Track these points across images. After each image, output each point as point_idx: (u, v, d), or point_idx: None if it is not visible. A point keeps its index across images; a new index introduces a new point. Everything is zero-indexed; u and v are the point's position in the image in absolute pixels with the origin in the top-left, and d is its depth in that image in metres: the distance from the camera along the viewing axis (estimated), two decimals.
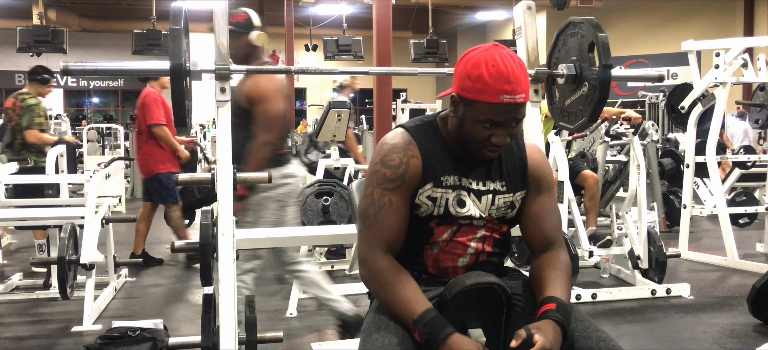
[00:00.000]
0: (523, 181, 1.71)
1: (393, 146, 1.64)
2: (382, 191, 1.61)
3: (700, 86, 5.56)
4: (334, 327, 3.36)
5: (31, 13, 15.37)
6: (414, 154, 1.63)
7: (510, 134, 1.59)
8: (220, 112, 2.11)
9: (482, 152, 1.62)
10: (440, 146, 1.67)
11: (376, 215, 1.61)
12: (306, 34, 18.52)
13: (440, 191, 1.64)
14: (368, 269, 1.60)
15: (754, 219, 7.13)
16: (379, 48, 8.44)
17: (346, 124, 5.30)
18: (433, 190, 1.64)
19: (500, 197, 1.68)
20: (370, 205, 1.62)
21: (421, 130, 1.68)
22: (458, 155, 1.67)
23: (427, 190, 1.64)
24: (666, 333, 3.73)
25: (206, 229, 2.09)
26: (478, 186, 1.67)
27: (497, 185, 1.69)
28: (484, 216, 1.67)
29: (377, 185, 1.62)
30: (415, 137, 1.66)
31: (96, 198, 4.09)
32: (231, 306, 2.01)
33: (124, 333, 3.26)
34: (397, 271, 1.58)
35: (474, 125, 1.57)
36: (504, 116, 1.55)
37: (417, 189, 1.63)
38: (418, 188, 1.63)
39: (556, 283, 1.60)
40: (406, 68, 2.50)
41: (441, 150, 1.66)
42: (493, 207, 1.68)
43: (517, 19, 2.51)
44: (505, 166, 1.70)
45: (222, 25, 2.08)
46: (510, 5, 13.89)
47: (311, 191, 4.13)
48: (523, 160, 1.72)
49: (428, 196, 1.64)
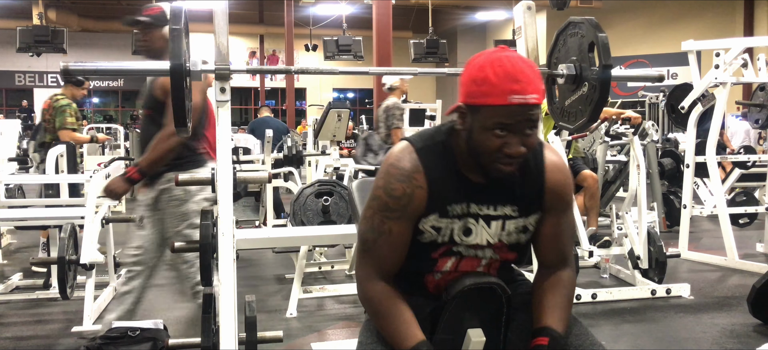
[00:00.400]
0: (538, 204, 1.59)
1: (398, 172, 1.53)
2: (382, 218, 1.54)
3: (700, 86, 5.56)
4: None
5: (31, 13, 15.37)
6: (419, 184, 1.52)
7: (524, 142, 1.44)
8: (220, 112, 2.10)
9: (496, 167, 1.47)
10: (450, 169, 1.54)
11: (374, 241, 1.56)
12: (306, 34, 18.53)
13: (445, 221, 1.55)
14: (364, 292, 1.58)
15: (754, 219, 7.13)
16: (379, 48, 8.44)
17: (346, 124, 5.31)
18: (437, 220, 1.55)
19: (511, 222, 1.57)
20: (369, 230, 1.57)
21: (431, 152, 1.55)
22: (468, 179, 1.55)
23: (431, 220, 1.55)
24: (666, 333, 3.73)
25: (206, 229, 2.09)
26: (488, 211, 1.56)
27: (508, 209, 1.56)
28: (492, 243, 1.58)
29: (378, 211, 1.55)
30: (424, 161, 1.53)
31: (96, 198, 4.09)
32: (231, 306, 2.01)
33: (124, 333, 3.25)
34: (392, 299, 1.54)
35: (483, 134, 1.44)
36: (514, 118, 1.42)
37: (420, 218, 1.55)
38: (421, 217, 1.54)
39: (555, 310, 1.55)
40: (406, 68, 2.50)
41: (450, 175, 1.54)
42: (503, 232, 1.58)
43: (517, 19, 2.52)
44: (520, 188, 1.56)
45: (222, 25, 2.08)
46: (510, 5, 13.89)
47: (311, 191, 4.13)
48: (541, 182, 1.58)
49: (432, 226, 1.55)
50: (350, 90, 26.07)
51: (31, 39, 10.26)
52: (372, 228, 1.56)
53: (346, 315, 4.10)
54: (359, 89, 25.57)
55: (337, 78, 23.76)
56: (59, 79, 22.58)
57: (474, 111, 1.46)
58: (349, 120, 7.83)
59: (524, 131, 1.44)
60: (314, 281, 4.93)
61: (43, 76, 23.18)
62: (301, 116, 21.00)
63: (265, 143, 6.99)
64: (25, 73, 23.15)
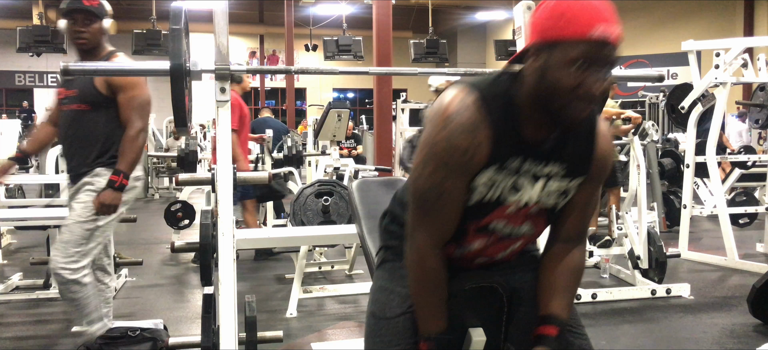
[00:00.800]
0: (585, 169, 1.50)
1: (461, 124, 1.38)
2: (445, 174, 1.40)
3: (700, 86, 5.56)
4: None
5: (31, 13, 15.39)
6: (484, 135, 1.38)
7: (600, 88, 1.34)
8: (220, 112, 2.10)
9: (570, 110, 1.35)
10: (511, 120, 1.41)
11: (435, 201, 1.43)
12: (306, 34, 18.52)
13: (501, 176, 1.44)
14: (418, 258, 1.48)
15: (754, 219, 7.13)
16: (379, 48, 8.44)
17: (345, 124, 5.31)
18: (495, 174, 1.43)
19: (555, 182, 1.48)
20: (431, 187, 1.42)
21: (493, 100, 1.40)
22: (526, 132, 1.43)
23: (488, 174, 1.43)
24: (666, 333, 3.73)
25: (206, 229, 2.09)
26: (538, 168, 1.46)
27: (556, 168, 1.47)
28: (533, 203, 1.49)
29: (441, 166, 1.40)
30: (487, 111, 1.39)
31: None
32: (231, 306, 2.01)
33: (124, 333, 3.25)
34: (440, 278, 1.49)
35: (559, 71, 1.31)
36: (595, 53, 1.30)
37: (477, 173, 1.43)
38: (478, 172, 1.43)
39: (564, 295, 1.53)
40: (406, 68, 2.51)
41: (510, 126, 1.41)
42: (544, 192, 1.49)
43: (517, 19, 2.52)
44: (572, 148, 1.47)
45: (222, 25, 2.08)
46: (510, 5, 13.89)
47: (311, 191, 4.13)
48: (592, 147, 1.49)
49: (487, 181, 1.44)
50: (350, 90, 26.07)
51: (31, 39, 10.26)
52: (433, 186, 1.42)
53: (346, 315, 4.10)
54: (359, 89, 25.57)
55: (337, 78, 23.76)
56: (59, 80, 22.60)
57: (550, 48, 1.33)
58: (349, 120, 7.83)
59: (601, 72, 1.32)
60: (314, 281, 4.93)
61: (43, 76, 23.19)
62: (301, 116, 20.99)
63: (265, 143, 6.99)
64: (25, 74, 23.15)
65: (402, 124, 9.49)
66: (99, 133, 2.89)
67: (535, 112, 1.40)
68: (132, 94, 2.88)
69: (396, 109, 9.44)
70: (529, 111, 1.41)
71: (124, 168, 2.84)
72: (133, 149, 2.86)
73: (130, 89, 2.87)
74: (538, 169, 1.46)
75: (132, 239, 6.68)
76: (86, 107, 2.88)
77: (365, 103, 22.79)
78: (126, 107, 2.88)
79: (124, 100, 2.87)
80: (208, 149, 9.61)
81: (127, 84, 2.87)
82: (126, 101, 2.87)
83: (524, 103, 1.41)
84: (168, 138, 13.06)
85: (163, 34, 10.39)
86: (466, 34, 23.87)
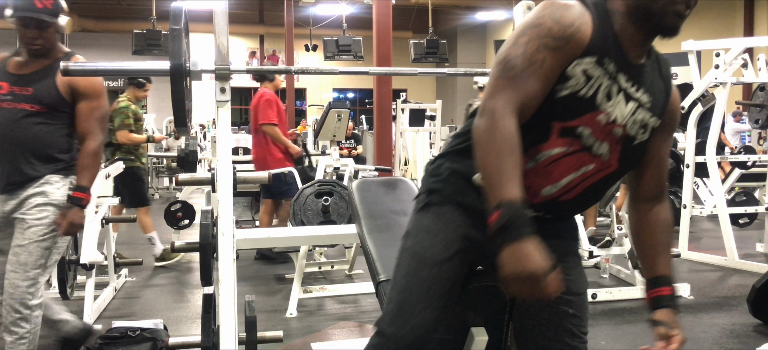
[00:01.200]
0: (663, 109, 1.54)
1: (567, 5, 1.41)
2: (539, 45, 1.39)
3: (700, 86, 5.56)
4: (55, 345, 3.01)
5: None
6: (584, 22, 1.41)
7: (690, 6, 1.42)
8: (220, 112, 2.10)
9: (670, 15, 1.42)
10: (610, 29, 1.44)
11: (522, 69, 1.39)
12: (306, 34, 18.52)
13: (599, 72, 1.42)
14: (491, 122, 1.37)
15: (754, 219, 7.13)
16: (379, 48, 8.44)
17: (345, 124, 5.31)
18: (593, 66, 1.41)
19: (641, 112, 1.49)
20: (519, 55, 1.39)
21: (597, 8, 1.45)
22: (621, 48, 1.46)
23: (587, 63, 1.41)
24: None
25: (206, 229, 2.09)
26: (630, 89, 1.47)
27: (645, 97, 1.49)
28: (621, 123, 1.47)
29: (537, 38, 1.39)
30: (590, 9, 1.43)
31: (96, 198, 4.09)
32: (231, 306, 2.01)
33: (124, 333, 3.26)
34: (516, 142, 1.36)
35: None
36: None
37: (574, 59, 1.41)
38: (577, 58, 1.41)
39: (666, 253, 1.59)
40: (406, 68, 2.51)
41: (610, 28, 1.44)
42: (631, 118, 1.48)
43: (517, 19, 2.51)
44: (656, 82, 1.52)
45: (222, 25, 2.08)
46: (510, 5, 13.90)
47: (311, 191, 4.13)
48: (669, 91, 1.56)
49: (585, 70, 1.41)
50: (350, 90, 26.07)
51: None
52: (524, 54, 1.39)
53: (346, 315, 4.10)
54: (359, 89, 25.56)
55: (337, 78, 23.76)
56: None
57: None
58: (349, 120, 7.83)
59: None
60: (314, 281, 4.93)
61: None
62: (301, 116, 20.99)
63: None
64: None
65: (402, 124, 9.49)
66: (52, 139, 2.62)
67: (631, 25, 1.45)
68: (96, 103, 2.65)
69: (396, 109, 9.44)
70: (625, 24, 1.45)
71: (88, 184, 2.61)
72: (96, 163, 2.66)
73: (96, 98, 2.65)
74: (631, 90, 1.47)
75: (132, 239, 6.68)
76: (40, 109, 2.58)
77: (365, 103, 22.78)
78: (88, 116, 2.63)
79: (87, 109, 2.63)
80: (208, 149, 9.61)
81: (93, 93, 2.64)
82: (89, 110, 2.63)
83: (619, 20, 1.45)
84: (168, 138, 13.06)
85: (163, 34, 10.39)
86: (466, 34, 23.86)
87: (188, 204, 6.38)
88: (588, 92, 1.42)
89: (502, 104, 1.37)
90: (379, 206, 2.18)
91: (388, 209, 2.19)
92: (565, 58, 1.39)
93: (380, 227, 2.10)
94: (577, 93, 1.41)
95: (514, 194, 1.31)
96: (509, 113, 1.37)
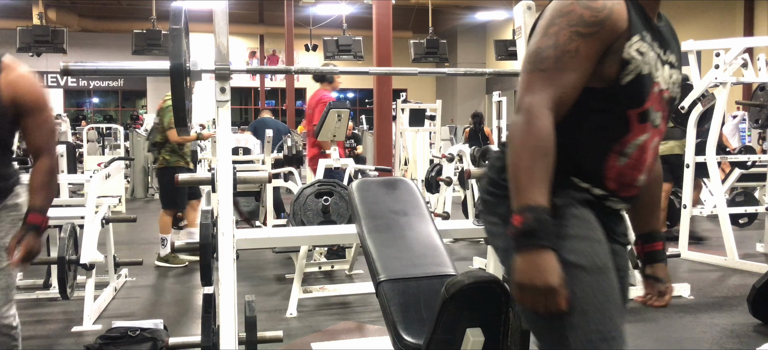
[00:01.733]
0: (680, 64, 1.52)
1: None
2: (571, 34, 1.32)
3: (700, 86, 5.56)
4: None
5: (31, 13, 15.36)
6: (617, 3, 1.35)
7: None
8: (220, 112, 2.11)
9: None
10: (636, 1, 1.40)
11: (556, 59, 1.32)
12: (306, 34, 18.52)
13: (646, 46, 1.37)
14: (527, 120, 1.31)
15: (754, 219, 7.12)
16: (379, 48, 8.44)
17: (345, 124, 5.31)
18: (641, 42, 1.36)
19: (674, 73, 1.47)
20: (550, 46, 1.33)
21: None
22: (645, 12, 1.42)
23: (636, 42, 1.35)
24: (666, 333, 3.73)
25: (206, 229, 2.09)
26: (661, 52, 1.43)
27: (672, 57, 1.47)
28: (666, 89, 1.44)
29: (567, 27, 1.32)
30: None
31: (96, 198, 4.09)
32: (231, 306, 2.01)
33: (124, 333, 3.26)
34: (550, 145, 1.31)
35: None
36: None
37: (616, 42, 1.34)
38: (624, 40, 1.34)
39: (659, 209, 1.60)
40: (406, 68, 2.51)
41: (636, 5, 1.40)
42: (670, 81, 1.45)
43: (517, 19, 2.51)
44: (671, 40, 1.49)
45: (222, 25, 2.08)
46: (510, 5, 13.90)
47: (311, 191, 4.13)
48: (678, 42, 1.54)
49: (638, 49, 1.35)
50: (350, 90, 26.07)
51: (31, 39, 10.28)
52: (555, 44, 1.33)
53: (346, 315, 4.10)
54: (359, 89, 25.55)
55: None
56: (59, 79, 22.62)
57: None
58: (349, 120, 7.83)
59: None
60: (314, 281, 4.93)
61: (43, 76, 23.17)
62: (301, 116, 20.99)
63: (265, 143, 7.00)
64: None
65: (402, 124, 9.49)
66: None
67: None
68: (46, 115, 2.27)
69: (396, 109, 9.44)
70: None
71: (44, 204, 2.23)
72: (53, 181, 2.30)
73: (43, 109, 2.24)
74: (663, 54, 1.44)
75: (132, 239, 6.69)
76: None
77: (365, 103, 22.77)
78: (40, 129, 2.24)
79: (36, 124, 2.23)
80: (208, 149, 9.61)
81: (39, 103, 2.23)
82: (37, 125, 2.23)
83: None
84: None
85: (163, 34, 10.39)
86: (466, 34, 23.86)
87: None
88: (646, 69, 1.37)
89: (538, 100, 1.31)
90: (379, 206, 2.18)
91: (388, 209, 2.19)
92: (600, 43, 1.33)
93: (380, 227, 2.10)
94: (640, 74, 1.36)
95: (541, 200, 1.27)
96: (545, 110, 1.31)
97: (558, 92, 1.32)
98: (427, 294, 1.90)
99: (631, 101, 1.37)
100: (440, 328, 1.56)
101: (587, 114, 1.39)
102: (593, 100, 1.38)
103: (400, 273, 1.96)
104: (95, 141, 12.48)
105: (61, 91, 23.65)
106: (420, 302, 1.88)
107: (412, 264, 2.01)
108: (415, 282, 1.95)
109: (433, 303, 1.62)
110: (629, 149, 1.40)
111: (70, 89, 24.32)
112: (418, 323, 1.81)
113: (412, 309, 1.86)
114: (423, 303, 1.88)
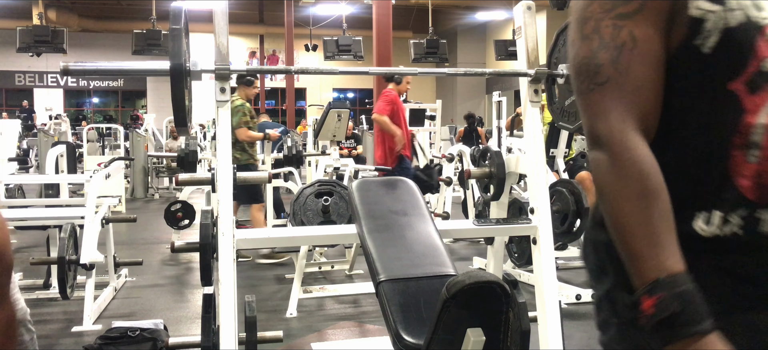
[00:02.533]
0: None
1: None
2: (613, 20, 0.96)
3: None
4: None
5: (31, 13, 15.39)
6: None
7: None
8: (220, 112, 2.11)
9: None
10: None
11: (613, 62, 0.95)
12: (306, 34, 18.54)
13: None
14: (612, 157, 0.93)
15: None
16: (379, 48, 8.45)
17: (345, 124, 5.32)
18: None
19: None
20: (597, 49, 0.96)
21: None
22: None
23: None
24: None
25: (206, 229, 2.09)
26: None
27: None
28: None
29: (604, 14, 0.96)
30: None
31: (96, 198, 4.10)
32: (231, 306, 2.01)
33: (124, 333, 3.26)
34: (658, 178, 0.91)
35: None
36: None
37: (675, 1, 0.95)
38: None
39: None
40: (406, 68, 2.51)
41: None
42: None
43: (517, 19, 2.51)
44: None
45: (222, 25, 2.08)
46: (510, 5, 13.90)
47: (311, 191, 4.13)
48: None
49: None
50: (350, 90, 26.08)
51: (31, 39, 10.28)
52: (603, 45, 0.96)
53: (346, 315, 4.10)
54: (359, 89, 25.57)
55: (337, 78, 23.76)
56: (59, 79, 22.63)
57: None
58: (349, 120, 7.83)
59: None
60: (314, 281, 4.93)
61: (43, 76, 23.20)
62: (301, 115, 20.98)
63: (265, 143, 7.00)
64: (25, 74, 23.16)
65: None
66: None
67: None
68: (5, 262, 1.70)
69: None
70: None
71: None
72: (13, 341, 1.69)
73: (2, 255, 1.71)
74: None
75: (132, 239, 6.69)
76: None
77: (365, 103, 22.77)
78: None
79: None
80: (208, 149, 9.62)
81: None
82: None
83: None
84: (167, 139, 13.07)
85: (163, 34, 10.40)
86: (466, 34, 23.87)
87: (188, 204, 6.37)
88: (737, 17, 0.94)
89: (617, 124, 0.93)
90: (379, 206, 2.18)
91: (388, 209, 2.19)
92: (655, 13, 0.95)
93: (380, 227, 2.10)
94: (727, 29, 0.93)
95: (675, 266, 0.87)
96: (631, 133, 0.93)
97: (637, 101, 0.94)
98: (428, 294, 1.90)
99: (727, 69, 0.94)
100: (440, 328, 1.56)
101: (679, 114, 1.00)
102: None
103: (401, 273, 1.96)
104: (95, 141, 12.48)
105: (61, 91, 23.66)
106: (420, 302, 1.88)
107: (413, 264, 2.01)
108: (416, 282, 1.95)
109: (434, 303, 1.62)
110: (755, 135, 0.92)
111: (70, 89, 24.33)
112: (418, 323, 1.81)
113: (413, 309, 1.86)
114: (423, 303, 1.88)
